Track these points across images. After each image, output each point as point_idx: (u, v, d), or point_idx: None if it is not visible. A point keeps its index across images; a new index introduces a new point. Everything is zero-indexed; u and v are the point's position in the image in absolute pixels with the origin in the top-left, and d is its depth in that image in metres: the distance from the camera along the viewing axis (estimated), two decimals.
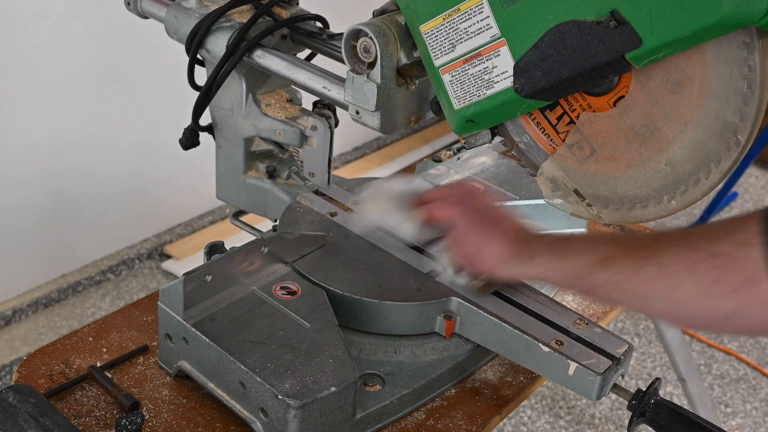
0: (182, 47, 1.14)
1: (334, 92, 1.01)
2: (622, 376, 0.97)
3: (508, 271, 0.95)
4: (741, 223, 0.74)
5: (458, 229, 0.99)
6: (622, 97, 0.83)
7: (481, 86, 0.87)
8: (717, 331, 0.84)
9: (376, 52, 0.90)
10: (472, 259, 0.98)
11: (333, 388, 0.89)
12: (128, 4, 1.21)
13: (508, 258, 0.94)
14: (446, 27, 0.87)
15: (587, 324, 1.00)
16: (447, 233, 1.01)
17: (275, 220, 1.21)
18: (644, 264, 0.80)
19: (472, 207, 1.01)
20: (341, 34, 0.93)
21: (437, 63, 0.89)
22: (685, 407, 0.97)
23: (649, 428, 0.95)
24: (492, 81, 0.86)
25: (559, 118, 0.88)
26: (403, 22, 0.91)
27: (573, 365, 0.94)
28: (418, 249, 1.11)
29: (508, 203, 1.25)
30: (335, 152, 3.07)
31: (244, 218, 1.27)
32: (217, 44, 1.10)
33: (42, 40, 2.07)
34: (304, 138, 1.14)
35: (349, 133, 2.93)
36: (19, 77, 2.07)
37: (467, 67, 0.87)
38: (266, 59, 1.08)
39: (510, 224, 0.97)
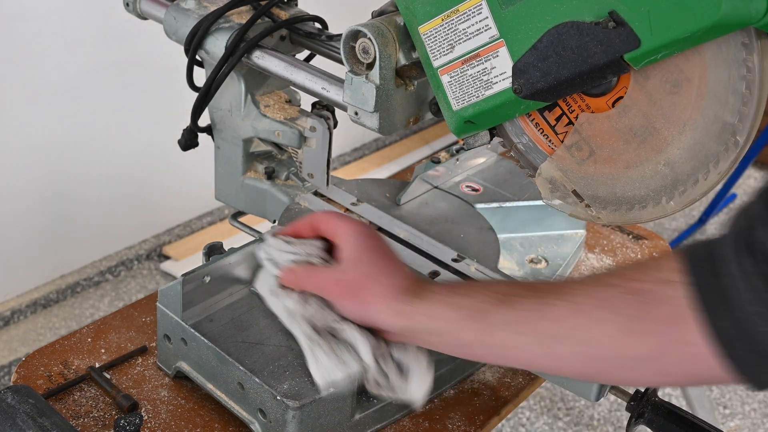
0: (181, 48, 1.14)
1: (333, 93, 1.01)
2: None
3: (391, 306, 0.81)
4: (658, 263, 0.69)
5: (346, 248, 0.85)
6: (621, 97, 0.83)
7: (479, 87, 0.87)
8: (630, 380, 0.76)
9: (375, 53, 0.90)
10: (350, 287, 0.84)
11: (331, 389, 0.89)
12: (127, 5, 1.21)
13: (397, 293, 0.81)
14: (445, 28, 0.87)
15: None
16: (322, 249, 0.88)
17: (274, 221, 1.21)
18: (555, 300, 0.72)
19: (365, 229, 0.88)
20: (340, 35, 0.93)
21: (436, 64, 0.89)
22: (684, 408, 0.97)
23: (648, 429, 0.95)
24: (491, 82, 0.86)
25: (557, 119, 0.88)
26: (401, 23, 0.91)
27: None
28: (418, 249, 1.11)
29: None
30: (334, 153, 3.06)
31: (242, 219, 1.27)
32: (216, 45, 1.10)
33: (41, 42, 2.07)
34: (302, 139, 1.14)
35: (348, 134, 2.94)
36: (18, 79, 2.07)
37: (466, 68, 0.87)
38: (265, 60, 1.08)
39: (401, 264, 0.87)
